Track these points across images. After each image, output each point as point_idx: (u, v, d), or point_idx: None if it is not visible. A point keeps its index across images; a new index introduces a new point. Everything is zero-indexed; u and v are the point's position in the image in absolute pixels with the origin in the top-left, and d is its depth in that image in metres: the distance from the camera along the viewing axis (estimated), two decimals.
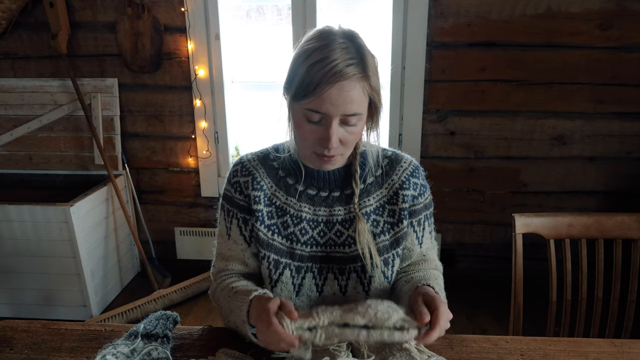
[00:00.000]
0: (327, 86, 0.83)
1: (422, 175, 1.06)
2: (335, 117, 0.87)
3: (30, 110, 2.51)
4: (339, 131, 0.89)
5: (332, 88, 0.84)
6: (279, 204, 1.01)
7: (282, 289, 1.01)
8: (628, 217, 1.26)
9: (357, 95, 0.86)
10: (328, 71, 0.83)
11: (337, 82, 0.83)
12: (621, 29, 2.18)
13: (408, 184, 1.01)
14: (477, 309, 2.33)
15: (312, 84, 0.84)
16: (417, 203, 1.03)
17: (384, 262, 1.00)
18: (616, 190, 2.43)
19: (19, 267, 2.25)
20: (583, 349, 0.92)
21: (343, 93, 0.84)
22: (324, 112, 0.86)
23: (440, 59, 2.29)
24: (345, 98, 0.85)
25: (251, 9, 2.55)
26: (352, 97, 0.85)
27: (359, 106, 0.87)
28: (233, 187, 1.03)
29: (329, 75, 0.83)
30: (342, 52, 0.85)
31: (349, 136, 0.90)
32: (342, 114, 0.86)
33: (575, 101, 2.30)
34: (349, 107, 0.86)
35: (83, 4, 2.35)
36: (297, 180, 1.02)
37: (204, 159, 2.54)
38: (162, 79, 2.44)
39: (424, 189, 1.04)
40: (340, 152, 0.93)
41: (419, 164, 1.07)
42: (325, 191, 1.01)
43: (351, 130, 0.90)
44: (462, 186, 2.48)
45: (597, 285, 1.27)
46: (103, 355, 0.81)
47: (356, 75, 0.85)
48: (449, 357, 0.89)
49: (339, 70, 0.83)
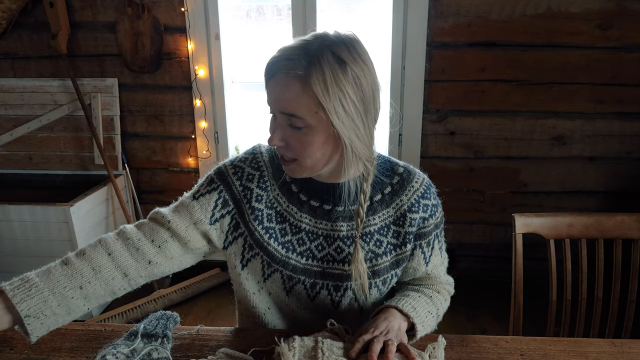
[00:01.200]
0: (269, 79, 0.84)
1: (434, 194, 1.00)
2: (275, 112, 0.86)
3: (30, 110, 2.51)
4: (285, 131, 0.85)
5: (272, 81, 0.84)
6: (280, 209, 0.97)
7: (273, 287, 0.99)
8: (628, 217, 1.26)
9: (292, 94, 0.80)
10: (273, 63, 0.83)
11: (272, 75, 0.83)
12: (621, 29, 2.18)
13: (417, 206, 0.96)
14: (477, 309, 2.33)
15: (265, 75, 0.86)
16: (426, 225, 0.98)
17: (382, 282, 0.98)
18: (616, 190, 2.43)
19: (19, 267, 2.22)
20: (583, 349, 0.92)
21: (277, 87, 0.83)
22: (270, 105, 0.87)
23: (440, 59, 2.29)
24: (278, 93, 0.83)
25: (251, 9, 2.55)
26: (286, 94, 0.81)
27: (295, 107, 0.81)
28: (234, 169, 0.97)
29: (272, 67, 0.83)
30: (294, 48, 0.82)
31: (294, 141, 0.85)
32: (279, 110, 0.85)
33: (575, 101, 2.30)
34: (283, 105, 0.83)
35: (83, 4, 2.35)
36: (301, 189, 0.97)
37: (204, 159, 2.54)
38: (162, 79, 2.44)
39: (435, 209, 0.99)
40: (291, 156, 0.87)
41: (431, 182, 1.01)
42: (329, 204, 0.96)
43: (297, 135, 0.84)
44: (462, 186, 2.48)
45: (597, 285, 1.27)
46: (103, 355, 0.81)
47: (292, 72, 0.80)
48: (449, 357, 0.89)
49: (281, 65, 0.81)
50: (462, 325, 2.22)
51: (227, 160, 1.00)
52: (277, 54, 0.84)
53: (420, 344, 0.90)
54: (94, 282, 0.88)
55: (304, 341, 0.83)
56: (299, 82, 0.80)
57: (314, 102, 0.80)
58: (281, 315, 1.05)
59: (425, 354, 0.84)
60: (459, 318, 2.26)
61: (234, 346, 0.91)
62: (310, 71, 0.79)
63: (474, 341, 0.94)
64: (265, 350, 0.88)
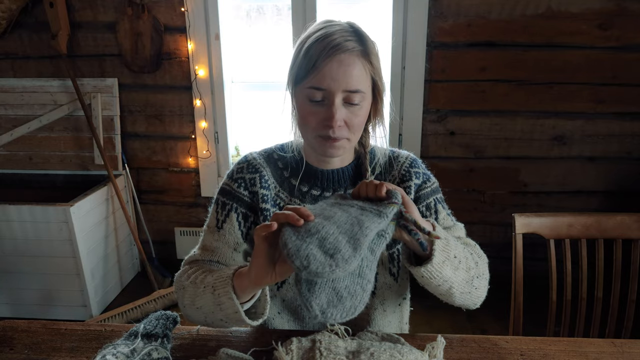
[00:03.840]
0: (326, 59, 0.84)
1: (422, 165, 1.04)
2: (337, 92, 0.86)
3: (30, 110, 2.51)
4: (343, 111, 0.88)
5: (332, 61, 0.84)
6: (283, 205, 1.00)
7: (288, 294, 1.00)
8: (628, 217, 1.26)
9: (357, 71, 0.86)
10: (327, 45, 0.85)
11: (335, 54, 0.84)
12: (621, 29, 2.18)
13: (409, 175, 1.00)
14: (477, 309, 2.32)
15: (312, 60, 0.85)
16: (422, 188, 1.00)
17: (390, 258, 0.99)
18: (616, 190, 2.43)
19: (19, 267, 2.25)
20: (583, 349, 0.92)
21: (343, 67, 0.84)
22: (325, 88, 0.86)
23: (440, 59, 2.29)
24: (345, 72, 0.85)
25: (251, 9, 2.54)
26: (352, 72, 0.85)
27: (360, 83, 0.86)
28: (236, 183, 1.00)
29: (327, 48, 0.84)
30: (340, 30, 0.87)
31: (353, 118, 0.89)
32: (344, 89, 0.85)
33: (575, 101, 2.30)
34: (350, 82, 0.85)
35: (83, 4, 2.35)
36: (301, 181, 1.00)
37: (204, 159, 2.54)
38: (162, 79, 2.44)
39: (427, 176, 1.02)
40: (346, 135, 0.90)
41: (417, 158, 1.05)
42: (329, 191, 1.00)
43: (355, 111, 0.88)
44: (462, 186, 2.48)
45: (597, 285, 1.27)
46: (103, 355, 0.81)
47: (355, 50, 0.85)
48: (449, 357, 0.89)
49: (337, 43, 0.84)
50: (462, 325, 2.21)
51: (224, 179, 1.02)
52: (327, 35, 0.86)
53: (420, 344, 0.90)
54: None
55: (301, 342, 0.83)
56: (362, 58, 0.86)
57: (370, 74, 0.89)
58: (292, 318, 1.05)
59: (425, 353, 0.84)
60: (459, 318, 2.26)
61: (234, 346, 0.90)
62: (366, 47, 0.87)
63: (474, 341, 0.94)
64: (265, 350, 0.88)
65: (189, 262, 1.00)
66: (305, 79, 0.87)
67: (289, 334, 0.88)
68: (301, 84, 0.89)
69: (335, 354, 0.79)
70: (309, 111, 0.89)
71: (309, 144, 0.97)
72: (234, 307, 0.80)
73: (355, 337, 0.88)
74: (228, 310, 0.81)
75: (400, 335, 0.90)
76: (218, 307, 0.83)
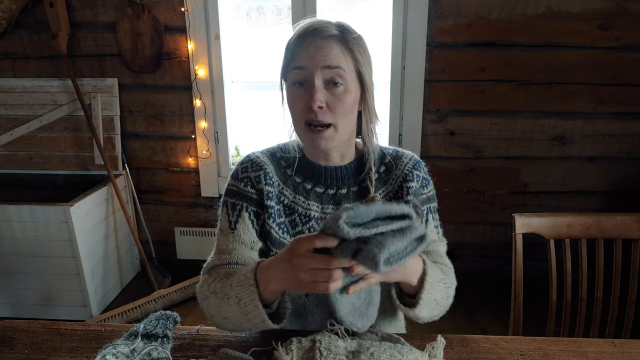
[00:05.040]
0: (305, 41, 0.90)
1: (425, 169, 1.05)
2: (316, 70, 0.89)
3: (30, 110, 2.51)
4: (324, 92, 0.90)
5: (310, 44, 0.89)
6: (287, 202, 1.00)
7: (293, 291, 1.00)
8: (628, 217, 1.26)
9: (335, 52, 0.89)
10: (305, 29, 0.91)
11: (314, 38, 0.89)
12: (621, 29, 2.18)
13: (411, 176, 1.01)
14: (477, 309, 2.33)
15: (294, 46, 0.92)
16: (420, 194, 1.01)
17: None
18: (616, 190, 2.43)
19: (19, 267, 2.25)
20: (583, 349, 0.92)
21: (320, 48, 0.89)
22: (304, 66, 0.90)
23: (440, 59, 2.29)
24: (322, 51, 0.89)
25: (251, 9, 2.55)
26: (330, 51, 0.89)
27: (339, 61, 0.89)
28: (242, 182, 1.00)
29: (307, 32, 0.90)
30: (323, 22, 0.92)
31: (336, 101, 0.90)
32: (322, 65, 0.88)
33: (575, 101, 2.30)
34: (327, 59, 0.88)
35: (83, 4, 2.35)
36: (304, 178, 1.01)
37: (204, 159, 2.54)
38: (162, 79, 2.44)
39: (427, 182, 1.03)
40: (329, 120, 0.90)
41: (420, 160, 1.06)
42: (333, 188, 1.01)
43: (337, 94, 0.90)
44: (462, 186, 2.48)
45: (597, 285, 1.27)
46: (103, 355, 0.81)
47: (334, 36, 0.90)
48: (449, 357, 0.89)
49: (316, 28, 0.90)
50: (462, 325, 2.21)
51: (229, 180, 1.03)
52: (309, 25, 0.92)
53: (420, 344, 0.90)
54: None
55: (301, 342, 0.83)
56: (338, 41, 0.90)
57: (351, 61, 0.91)
58: (295, 317, 1.04)
59: (425, 353, 0.84)
60: (459, 318, 2.25)
61: (234, 346, 0.91)
62: (345, 34, 0.91)
63: (474, 341, 0.94)
64: (265, 350, 0.88)
65: (208, 270, 1.00)
66: (289, 65, 0.92)
67: (289, 334, 0.88)
68: (288, 73, 0.93)
69: (335, 354, 0.79)
70: (294, 97, 0.93)
71: (300, 138, 0.98)
72: (261, 316, 0.83)
73: (355, 337, 0.88)
74: (255, 320, 0.84)
75: (400, 335, 0.91)
76: (245, 317, 0.85)
